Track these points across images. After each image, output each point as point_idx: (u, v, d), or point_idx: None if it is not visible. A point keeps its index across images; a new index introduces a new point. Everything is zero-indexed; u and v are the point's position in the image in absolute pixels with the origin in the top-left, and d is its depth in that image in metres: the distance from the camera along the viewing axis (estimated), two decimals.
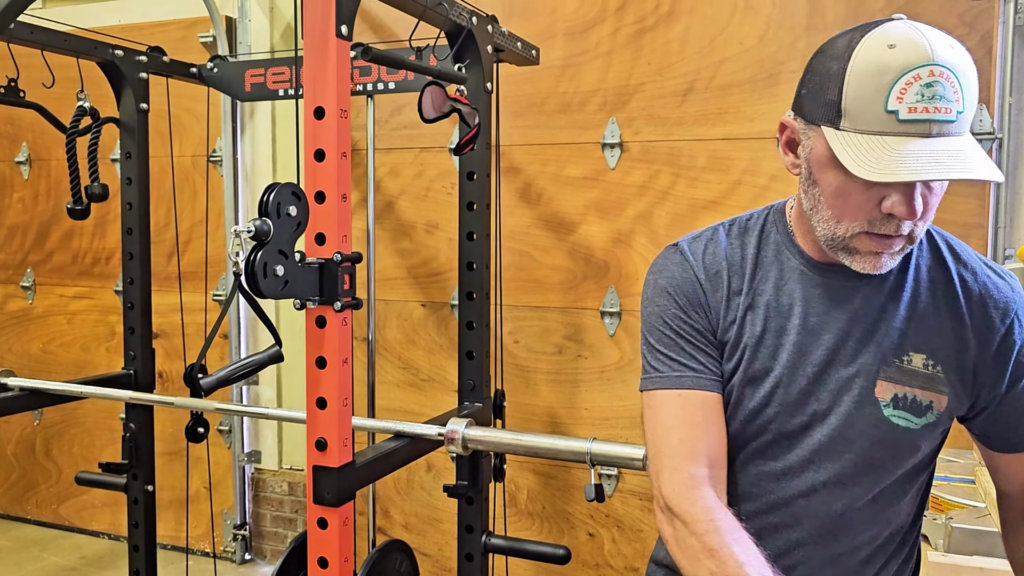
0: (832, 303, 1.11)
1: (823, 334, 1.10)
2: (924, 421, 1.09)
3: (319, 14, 1.43)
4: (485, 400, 2.07)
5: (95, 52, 2.30)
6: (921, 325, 1.09)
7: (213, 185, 3.26)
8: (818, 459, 1.11)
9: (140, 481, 2.49)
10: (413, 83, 2.41)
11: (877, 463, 1.11)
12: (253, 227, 1.33)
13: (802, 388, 1.11)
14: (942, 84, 0.92)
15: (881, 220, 0.99)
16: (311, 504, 1.53)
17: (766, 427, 1.12)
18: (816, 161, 1.03)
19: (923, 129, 0.93)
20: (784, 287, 1.13)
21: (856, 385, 1.09)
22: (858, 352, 1.09)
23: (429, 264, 2.97)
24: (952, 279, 1.11)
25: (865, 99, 0.95)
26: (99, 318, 3.54)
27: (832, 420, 1.10)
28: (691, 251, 1.18)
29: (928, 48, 0.93)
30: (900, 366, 1.08)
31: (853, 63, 0.96)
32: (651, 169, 2.67)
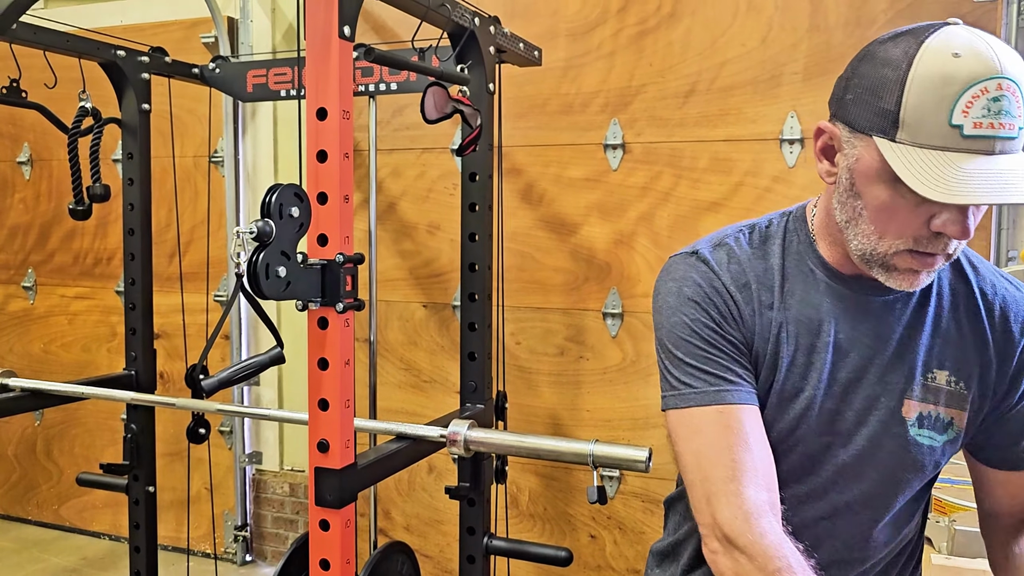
0: (859, 319, 1.07)
1: (851, 352, 1.07)
2: (946, 438, 1.07)
3: (321, 15, 1.43)
4: (487, 402, 2.07)
5: (97, 53, 2.30)
6: (945, 341, 1.07)
7: (215, 186, 3.26)
8: (843, 480, 1.09)
9: (141, 482, 2.49)
10: (415, 84, 2.40)
11: (899, 481, 1.09)
12: (255, 228, 1.33)
13: (829, 408, 1.07)
14: (1008, 99, 0.87)
15: (928, 239, 0.94)
16: (313, 506, 1.52)
17: (793, 449, 1.09)
18: (863, 173, 0.96)
19: (987, 147, 0.87)
20: (811, 301, 1.08)
21: (882, 404, 1.07)
22: (885, 370, 1.06)
23: (431, 265, 2.97)
24: (973, 292, 1.09)
25: (927, 110, 0.88)
26: (100, 319, 3.54)
27: (858, 441, 1.07)
28: (715, 260, 1.10)
29: (996, 60, 0.87)
30: (925, 384, 1.07)
31: (915, 71, 0.90)
32: (653, 170, 2.67)
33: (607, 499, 1.63)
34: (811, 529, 1.11)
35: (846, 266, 1.07)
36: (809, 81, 2.47)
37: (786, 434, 1.08)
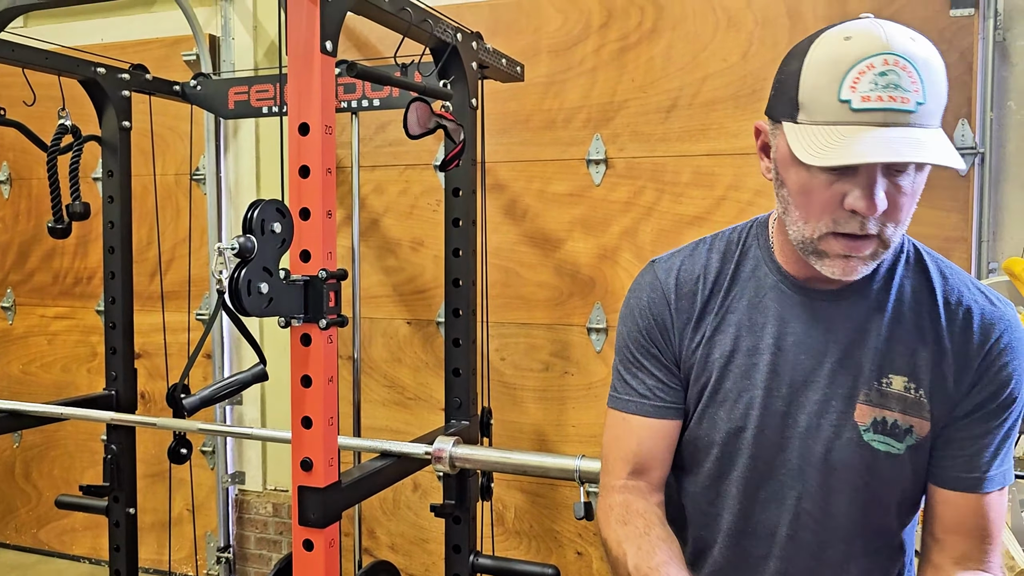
0: (810, 322, 1.07)
1: (800, 354, 1.07)
2: (906, 445, 1.05)
3: (303, 30, 1.43)
4: (472, 418, 2.06)
5: (77, 70, 2.28)
6: (903, 346, 1.05)
7: (196, 204, 3.24)
8: (801, 486, 1.08)
9: (122, 504, 2.45)
10: (398, 100, 2.40)
11: (867, 493, 1.07)
12: (237, 244, 1.32)
13: (778, 410, 1.08)
14: (897, 73, 0.90)
15: (846, 219, 0.96)
16: (296, 525, 1.50)
17: (745, 450, 1.10)
18: (781, 160, 1.01)
19: (877, 119, 0.90)
20: (759, 304, 1.10)
21: (834, 408, 1.06)
22: (837, 373, 1.06)
23: (414, 281, 2.96)
24: (936, 301, 1.07)
25: (819, 90, 0.93)
26: (80, 338, 3.50)
27: (812, 445, 1.07)
28: (664, 269, 1.17)
29: (884, 38, 0.92)
30: (880, 388, 1.05)
31: (810, 56, 0.95)
32: (636, 185, 2.67)
33: (594, 515, 1.61)
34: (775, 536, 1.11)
35: (800, 270, 1.08)
36: None
37: (734, 434, 1.10)
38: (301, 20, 1.43)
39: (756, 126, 1.08)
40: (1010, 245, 2.38)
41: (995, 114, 2.37)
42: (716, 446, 1.12)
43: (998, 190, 2.39)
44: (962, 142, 2.35)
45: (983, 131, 2.35)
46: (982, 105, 2.36)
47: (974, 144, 2.34)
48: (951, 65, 2.36)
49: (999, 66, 2.37)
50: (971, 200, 2.36)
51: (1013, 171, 2.38)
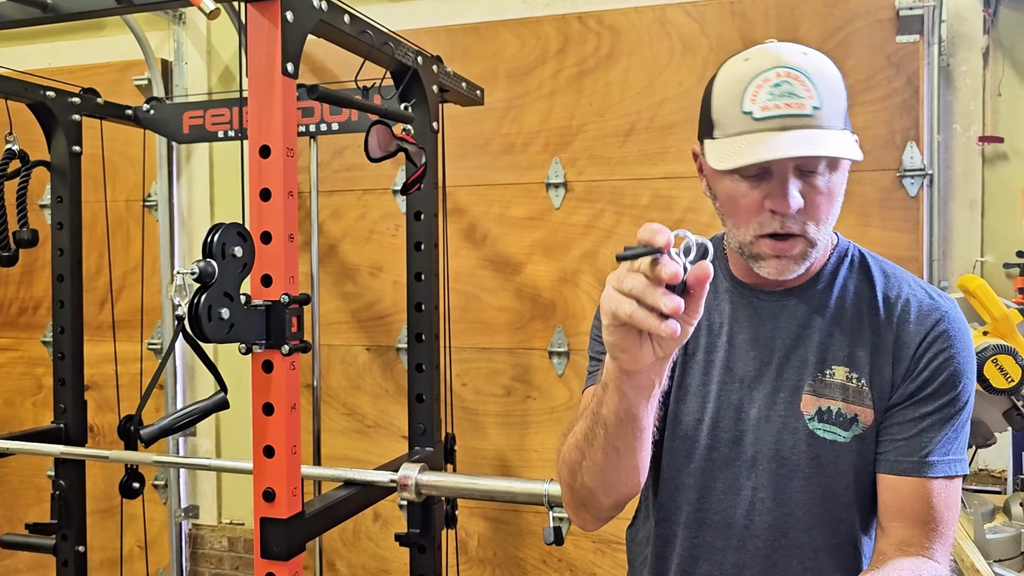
0: (758, 320, 1.16)
1: (749, 351, 1.15)
2: (851, 434, 1.10)
3: (264, 51, 1.41)
4: (436, 444, 2.03)
5: (25, 93, 2.22)
6: (844, 339, 1.12)
7: (148, 231, 3.17)
8: (755, 476, 1.13)
9: (70, 542, 2.36)
10: (357, 124, 2.39)
11: (816, 481, 1.11)
12: (197, 268, 1.29)
13: (732, 403, 1.14)
14: (791, 83, 1.00)
15: (768, 220, 1.04)
16: (259, 559, 1.46)
17: (702, 443, 1.15)
18: (710, 175, 1.11)
19: (777, 124, 0.99)
20: (716, 308, 1.19)
21: (781, 400, 1.12)
22: (783, 367, 1.13)
23: (373, 307, 2.93)
24: (876, 296, 1.14)
25: (726, 106, 1.04)
26: (25, 370, 3.38)
27: (763, 436, 1.12)
28: None
29: (776, 55, 1.02)
30: (823, 379, 1.11)
31: (717, 79, 1.07)
32: (595, 208, 2.68)
33: (563, 539, 1.59)
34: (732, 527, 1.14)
35: (748, 275, 1.17)
36: None
37: (693, 427, 1.16)
38: (262, 42, 1.41)
39: (692, 150, 1.16)
40: (959, 263, 2.44)
41: (942, 137, 2.43)
42: (678, 439, 1.18)
43: (946, 210, 2.45)
44: (911, 164, 2.40)
45: (931, 153, 2.41)
46: (929, 128, 2.42)
47: (922, 166, 2.40)
48: (898, 90, 2.44)
49: (944, 90, 2.44)
50: (921, 221, 2.42)
51: (960, 192, 2.44)
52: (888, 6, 2.41)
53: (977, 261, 2.42)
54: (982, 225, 2.43)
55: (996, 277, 2.39)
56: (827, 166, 1.04)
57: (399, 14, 2.80)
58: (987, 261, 2.42)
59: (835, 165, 1.04)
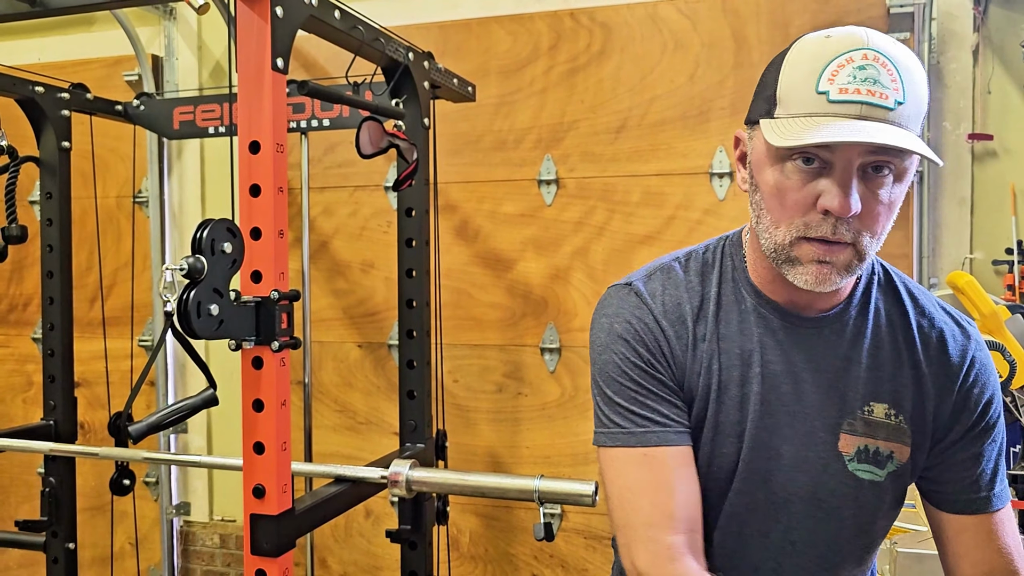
0: (792, 349, 1.04)
1: (783, 383, 1.04)
2: (887, 471, 1.05)
3: (254, 46, 1.40)
4: (428, 441, 2.02)
5: (14, 88, 2.21)
6: (882, 374, 1.05)
7: (139, 227, 3.16)
8: (787, 517, 1.06)
9: (61, 539, 2.35)
10: (348, 120, 2.38)
11: (852, 522, 1.06)
12: (186, 264, 1.28)
13: (764, 442, 1.05)
14: (876, 68, 0.89)
15: (818, 222, 0.93)
16: (248, 555, 1.45)
17: (735, 483, 1.06)
18: (756, 162, 0.99)
19: (854, 111, 0.88)
20: (744, 330, 1.06)
21: (820, 439, 1.04)
22: (821, 403, 1.04)
23: (365, 304, 2.92)
24: (911, 325, 1.06)
25: (797, 84, 0.92)
26: (15, 367, 3.37)
27: (797, 476, 1.05)
28: (648, 292, 1.08)
29: (864, 36, 0.91)
30: (864, 417, 1.04)
31: (790, 55, 0.95)
32: (587, 205, 2.69)
33: (554, 535, 1.59)
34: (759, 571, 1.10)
35: (777, 291, 1.05)
36: (737, 116, 2.53)
37: (729, 468, 1.06)
38: (251, 37, 1.40)
39: (736, 135, 1.06)
40: (948, 260, 2.45)
41: (932, 134, 2.44)
42: (711, 480, 1.07)
43: (936, 207, 2.46)
44: None
45: None
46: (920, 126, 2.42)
47: None
48: None
49: (935, 88, 2.45)
50: (911, 218, 2.43)
51: (950, 189, 2.45)
52: (879, 3, 2.41)
53: (966, 258, 2.43)
54: (971, 222, 2.45)
55: (985, 274, 2.41)
56: (894, 174, 0.92)
57: (390, 10, 2.79)
58: (976, 258, 2.43)
59: (902, 175, 0.93)
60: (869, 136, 0.86)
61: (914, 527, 1.70)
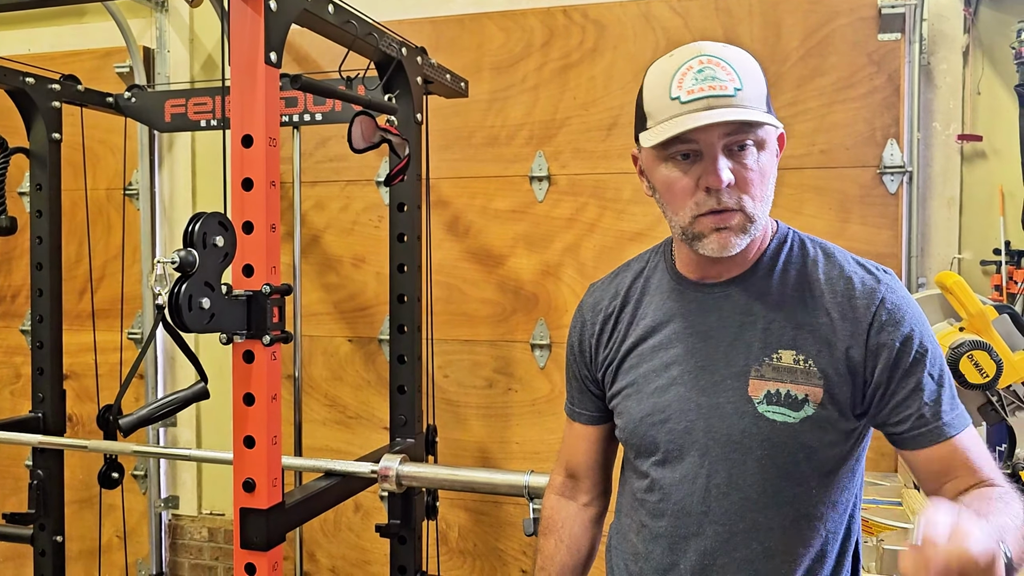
0: (703, 313, 1.20)
1: (696, 343, 1.19)
2: (802, 415, 1.12)
3: (247, 40, 1.40)
4: (418, 436, 2.03)
5: (4, 79, 2.20)
6: (788, 323, 1.15)
7: (129, 220, 3.14)
8: (710, 462, 1.15)
9: (48, 532, 2.35)
10: (340, 114, 2.38)
11: (770, 464, 1.13)
12: (178, 258, 1.29)
13: (682, 395, 1.18)
14: (712, 68, 1.08)
15: (704, 199, 1.10)
16: (238, 548, 1.46)
17: (659, 436, 1.19)
18: (648, 169, 1.17)
19: (703, 104, 1.06)
20: (663, 306, 1.24)
21: (730, 386, 1.15)
22: (729, 355, 1.16)
23: (356, 299, 2.92)
24: (819, 279, 1.17)
25: (656, 97, 1.11)
26: (3, 359, 3.35)
27: (713, 422, 1.15)
28: (592, 291, 1.36)
29: (698, 47, 1.11)
30: (771, 364, 1.14)
31: (647, 78, 1.15)
32: (578, 202, 2.69)
33: None
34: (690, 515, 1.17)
35: (693, 270, 1.22)
36: None
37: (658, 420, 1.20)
38: (245, 30, 1.41)
39: (632, 154, 1.23)
40: (937, 260, 2.47)
41: (922, 134, 2.46)
42: (636, 436, 1.23)
43: (925, 207, 2.48)
44: (891, 161, 2.43)
45: (911, 151, 2.44)
46: (909, 126, 2.44)
47: (902, 163, 2.42)
48: (879, 88, 2.46)
49: (925, 88, 2.46)
50: (900, 217, 2.44)
51: (939, 189, 2.47)
52: (870, 4, 2.43)
53: (955, 258, 2.45)
54: (960, 222, 2.46)
55: (973, 274, 2.42)
56: (755, 145, 1.10)
57: (384, 5, 2.79)
58: (965, 258, 2.45)
59: (762, 145, 1.10)
60: (714, 118, 1.05)
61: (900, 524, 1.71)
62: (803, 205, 2.49)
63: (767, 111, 1.10)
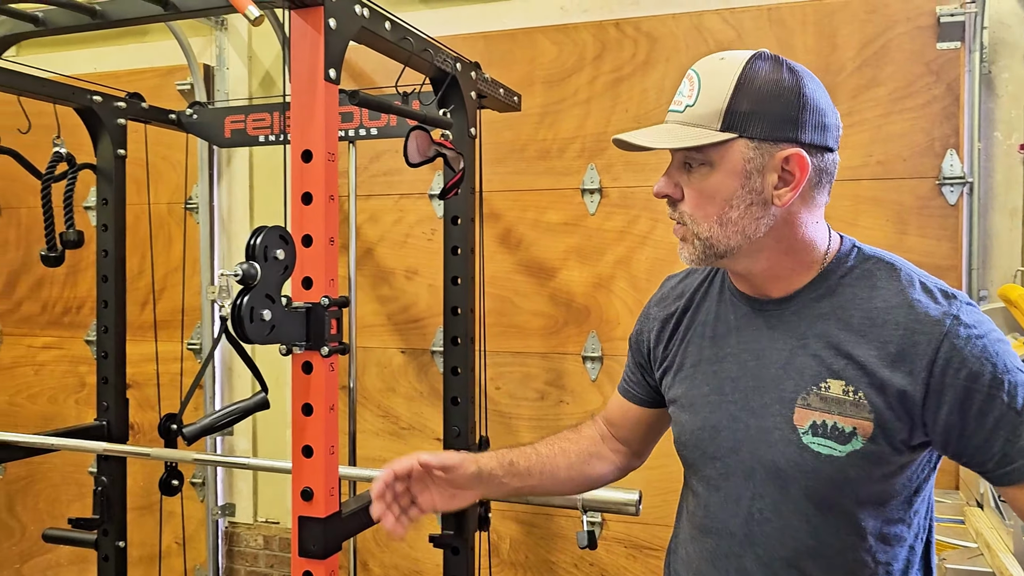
0: (758, 331, 1.17)
1: (749, 360, 1.16)
2: (849, 448, 1.06)
3: (307, 58, 1.44)
4: (471, 447, 2.04)
5: (73, 98, 2.28)
6: (840, 351, 1.08)
7: (189, 233, 3.23)
8: (754, 486, 1.13)
9: (111, 537, 2.41)
10: (395, 129, 2.41)
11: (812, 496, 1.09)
12: (240, 270, 1.32)
13: (732, 414, 1.16)
14: (685, 83, 1.11)
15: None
16: (296, 557, 1.48)
17: (711, 449, 1.18)
18: None
19: (665, 118, 1.13)
20: (722, 318, 1.22)
21: (777, 411, 1.12)
22: (780, 379, 1.12)
23: (409, 311, 2.95)
24: (879, 304, 1.08)
25: None
26: (68, 368, 3.46)
27: (759, 447, 1.12)
28: (664, 284, 1.36)
29: (702, 60, 1.12)
30: (819, 393, 1.09)
31: None
32: (630, 214, 2.69)
33: (596, 544, 1.60)
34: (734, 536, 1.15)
35: (743, 284, 1.20)
36: None
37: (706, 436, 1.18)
38: (305, 49, 1.44)
39: None
40: (999, 272, 2.41)
41: (983, 144, 2.40)
42: (686, 448, 1.22)
43: (986, 219, 2.42)
44: (950, 171, 2.38)
45: (971, 161, 2.39)
46: (970, 136, 2.39)
47: (962, 174, 2.37)
48: (938, 98, 2.41)
49: (986, 98, 2.41)
50: (960, 229, 2.39)
51: (1000, 200, 2.41)
52: (929, 13, 2.39)
53: (1018, 270, 2.38)
54: (1023, 234, 2.40)
55: None
56: (705, 164, 1.09)
57: (437, 20, 2.83)
58: None
59: (712, 164, 1.08)
60: (634, 138, 1.12)
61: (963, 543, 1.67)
62: (859, 217, 2.45)
63: (724, 127, 1.06)
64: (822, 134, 1.09)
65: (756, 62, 1.08)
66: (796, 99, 1.07)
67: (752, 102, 1.06)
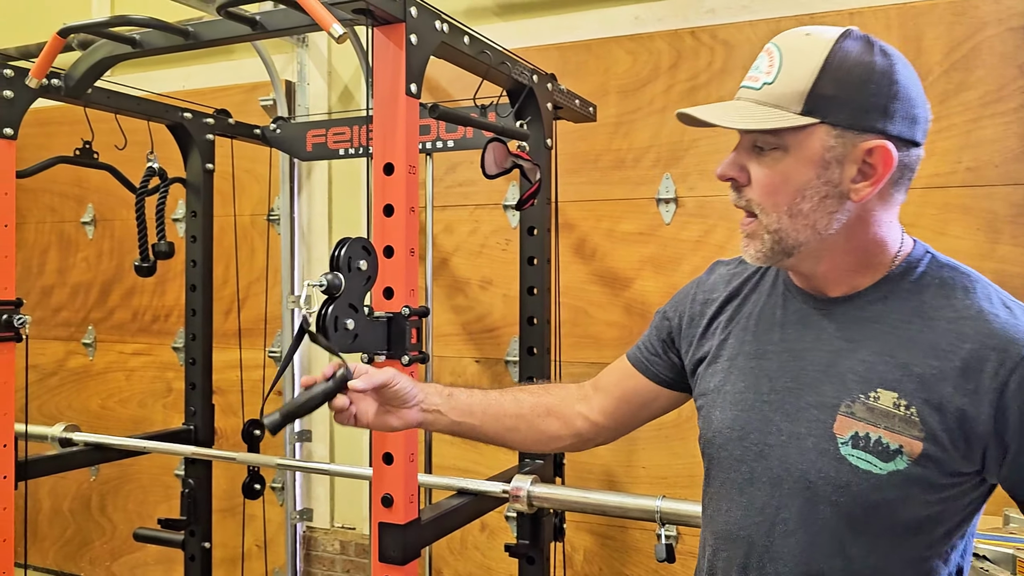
0: (804, 327, 1.08)
1: (790, 360, 1.08)
2: (891, 467, 0.97)
3: (390, 73, 1.47)
4: (547, 457, 2.04)
5: (165, 115, 2.38)
6: (895, 360, 0.99)
7: (271, 243, 3.32)
8: (780, 495, 1.04)
9: (197, 538, 2.49)
10: (471, 141, 2.44)
11: (843, 512, 1.00)
12: (325, 281, 1.35)
13: (764, 415, 1.07)
14: (763, 57, 1.02)
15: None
16: (376, 562, 1.51)
17: (737, 451, 1.09)
18: None
19: (737, 94, 1.04)
20: (767, 310, 1.14)
21: (814, 416, 1.02)
22: (820, 382, 1.03)
23: (483, 320, 2.98)
24: (948, 315, 0.99)
25: None
26: (156, 374, 3.59)
27: (790, 453, 1.03)
28: (710, 271, 1.29)
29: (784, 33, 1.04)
30: (866, 403, 0.99)
31: None
32: (706, 224, 2.66)
33: (675, 557, 1.58)
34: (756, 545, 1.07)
35: (799, 279, 1.12)
36: None
37: (734, 435, 1.10)
38: (387, 65, 1.47)
39: None
40: None
41: None
42: (712, 446, 1.14)
43: None
44: None
45: None
46: None
47: None
48: None
49: None
50: None
51: None
52: (1020, 14, 2.30)
53: None
54: None
55: None
56: (780, 149, 1.00)
57: (512, 32, 2.85)
58: None
59: (788, 149, 1.00)
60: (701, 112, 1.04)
61: None
62: (948, 226, 2.37)
63: (805, 110, 0.97)
64: (911, 127, 0.99)
65: (846, 41, 1.00)
66: (888, 86, 0.98)
67: (839, 86, 0.97)
